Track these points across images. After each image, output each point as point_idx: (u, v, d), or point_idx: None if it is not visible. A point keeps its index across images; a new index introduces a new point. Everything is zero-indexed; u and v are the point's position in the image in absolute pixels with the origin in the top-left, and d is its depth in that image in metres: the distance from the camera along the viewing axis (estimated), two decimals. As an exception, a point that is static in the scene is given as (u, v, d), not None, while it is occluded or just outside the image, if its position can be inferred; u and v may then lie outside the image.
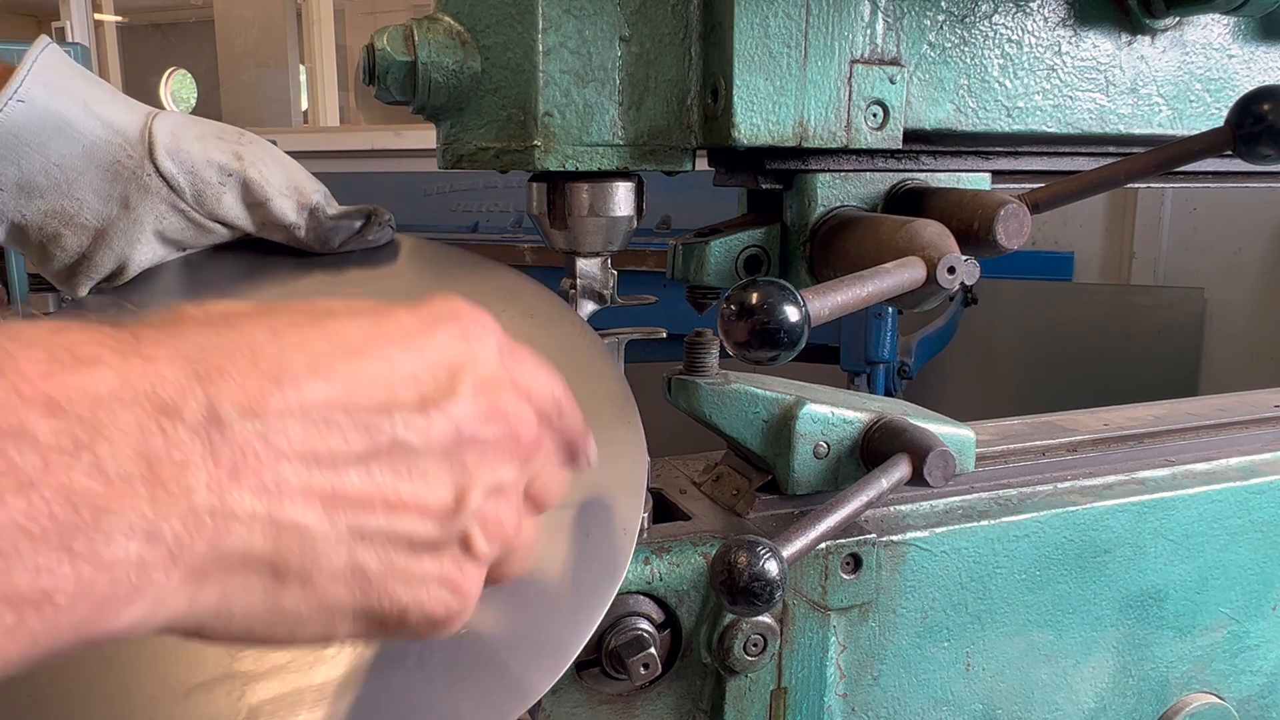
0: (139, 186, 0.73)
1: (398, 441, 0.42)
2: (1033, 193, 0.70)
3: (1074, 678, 0.82)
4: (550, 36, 0.69)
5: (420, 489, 0.43)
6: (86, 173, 0.72)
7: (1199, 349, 4.30)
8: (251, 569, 0.39)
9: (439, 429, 0.44)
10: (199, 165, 0.74)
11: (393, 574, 0.43)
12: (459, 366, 0.45)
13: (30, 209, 0.72)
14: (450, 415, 0.44)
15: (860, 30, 0.73)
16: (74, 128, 0.71)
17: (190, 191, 0.74)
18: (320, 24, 6.27)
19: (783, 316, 0.56)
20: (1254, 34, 0.85)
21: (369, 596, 0.43)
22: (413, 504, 0.43)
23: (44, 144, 0.70)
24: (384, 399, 0.42)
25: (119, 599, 0.35)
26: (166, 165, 0.73)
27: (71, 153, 0.71)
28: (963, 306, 3.59)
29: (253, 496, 0.38)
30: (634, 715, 0.70)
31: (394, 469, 0.42)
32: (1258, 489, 0.85)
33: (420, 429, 0.43)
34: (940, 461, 0.68)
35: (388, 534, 0.42)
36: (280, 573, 0.40)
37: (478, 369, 0.46)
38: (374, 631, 0.45)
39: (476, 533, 0.45)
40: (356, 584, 0.42)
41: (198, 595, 0.38)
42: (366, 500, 0.41)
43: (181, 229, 0.76)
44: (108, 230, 0.74)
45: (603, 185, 0.74)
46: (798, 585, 0.70)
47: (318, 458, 0.40)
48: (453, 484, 0.44)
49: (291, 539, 0.40)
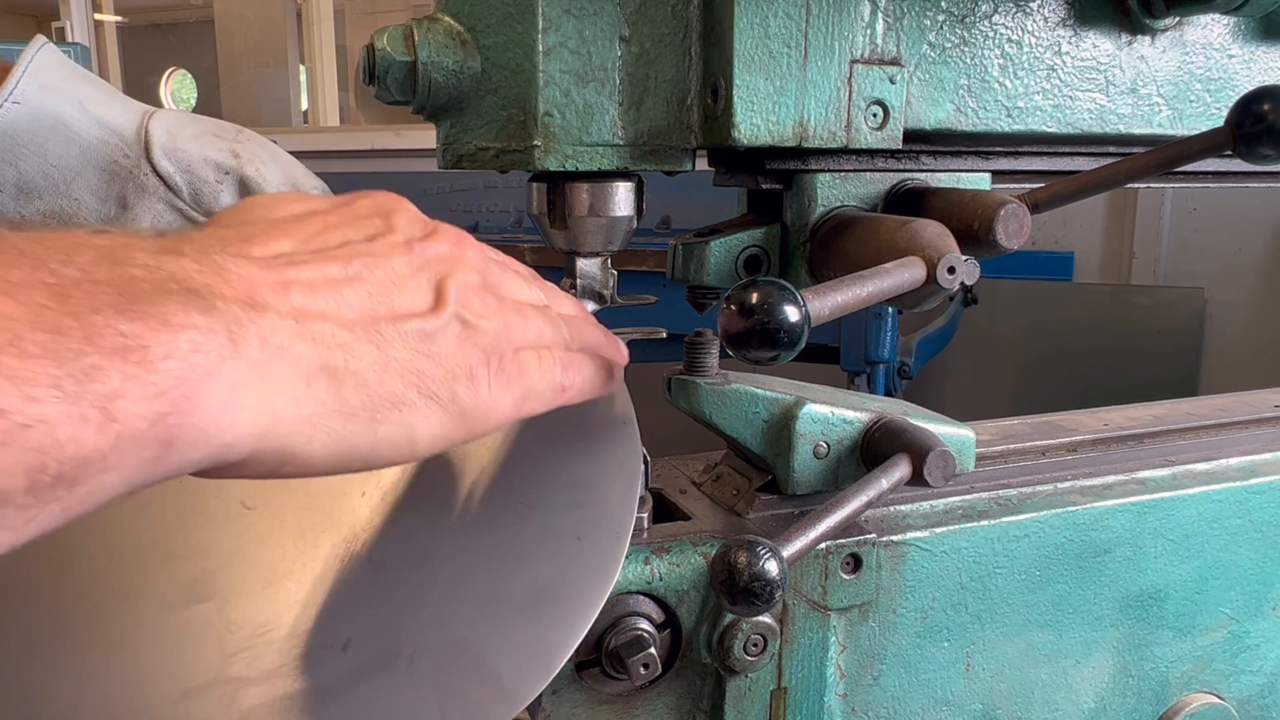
0: (136, 186, 0.73)
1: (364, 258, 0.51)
2: (1033, 193, 0.70)
3: (1074, 678, 0.82)
4: (550, 36, 0.69)
5: (403, 296, 0.51)
6: (84, 173, 0.72)
7: (1199, 349, 4.30)
8: (308, 372, 0.45)
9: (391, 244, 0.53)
10: (195, 163, 0.74)
11: (426, 359, 0.50)
12: (387, 209, 0.56)
13: (29, 210, 0.72)
14: (395, 236, 0.54)
15: (860, 30, 0.73)
16: (70, 128, 0.71)
17: (187, 190, 0.74)
18: (320, 24, 6.27)
19: (783, 316, 0.56)
20: (1254, 34, 0.85)
21: (420, 382, 0.50)
22: (404, 309, 0.50)
23: (41, 145, 0.70)
24: (340, 239, 0.52)
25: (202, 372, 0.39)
26: (163, 164, 0.73)
27: (69, 153, 0.71)
28: (963, 306, 3.59)
29: (276, 315, 0.44)
30: (634, 715, 0.70)
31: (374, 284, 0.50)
32: (1258, 489, 0.85)
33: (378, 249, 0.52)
34: (940, 461, 0.68)
35: (399, 333, 0.49)
36: (333, 372, 0.46)
37: (405, 208, 0.57)
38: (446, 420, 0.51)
39: (468, 315, 0.53)
40: (399, 374, 0.49)
41: (271, 397, 0.43)
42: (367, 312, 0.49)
43: (180, 227, 0.76)
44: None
45: (603, 185, 0.74)
46: (798, 585, 0.70)
47: (310, 285, 0.47)
48: (428, 284, 0.52)
49: (328, 343, 0.46)
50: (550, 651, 0.57)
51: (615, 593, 0.67)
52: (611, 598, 0.67)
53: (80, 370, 0.35)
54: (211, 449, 0.41)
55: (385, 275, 0.51)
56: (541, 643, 0.57)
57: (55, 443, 0.35)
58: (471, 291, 0.54)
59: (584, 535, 0.62)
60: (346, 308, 0.48)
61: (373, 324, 0.49)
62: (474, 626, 0.58)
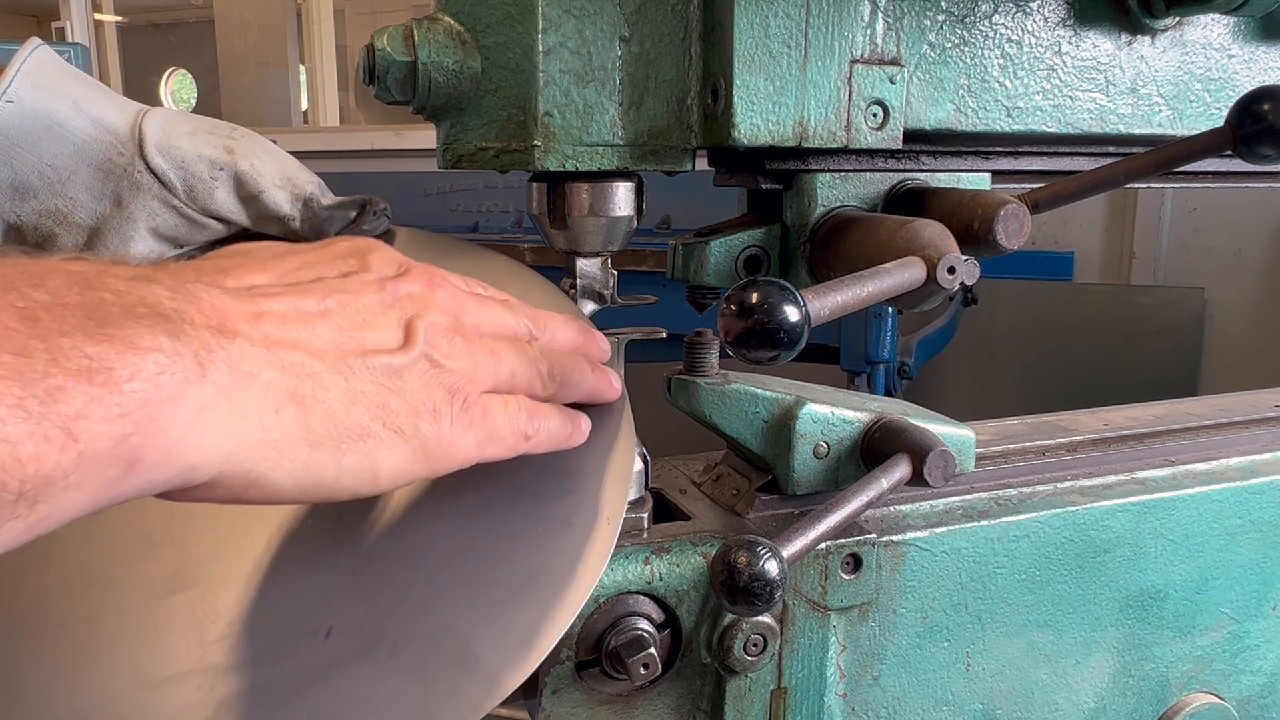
0: (131, 184, 0.73)
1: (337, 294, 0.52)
2: (1033, 193, 0.70)
3: (1074, 678, 0.82)
4: (550, 36, 0.69)
5: (373, 332, 0.52)
6: (79, 172, 0.72)
7: (1199, 349, 4.30)
8: (277, 399, 0.46)
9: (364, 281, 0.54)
10: (190, 160, 0.74)
11: (392, 394, 0.51)
12: (363, 250, 0.58)
13: (25, 210, 0.72)
14: (369, 274, 0.55)
15: (860, 30, 0.73)
16: (64, 127, 0.71)
17: (182, 187, 0.74)
18: (320, 24, 6.27)
19: (783, 316, 0.56)
20: (1254, 34, 0.85)
21: (385, 416, 0.51)
22: (374, 344, 0.52)
23: (35, 144, 0.70)
24: (314, 275, 0.54)
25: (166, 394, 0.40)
26: (157, 161, 0.73)
27: (63, 152, 0.71)
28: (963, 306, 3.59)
29: (247, 342, 0.45)
30: (634, 715, 0.70)
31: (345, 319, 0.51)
32: (1258, 489, 0.85)
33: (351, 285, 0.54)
34: (940, 461, 0.68)
35: (368, 368, 0.50)
36: (301, 400, 0.47)
37: (381, 249, 0.58)
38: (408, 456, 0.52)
39: (435, 354, 0.54)
40: (366, 406, 0.50)
41: (237, 421, 0.44)
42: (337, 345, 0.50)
43: (176, 225, 0.76)
44: (102, 228, 0.74)
45: (603, 185, 0.74)
46: (798, 585, 0.70)
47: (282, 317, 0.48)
48: (398, 322, 0.54)
49: (298, 372, 0.47)
50: (536, 639, 0.56)
51: (615, 592, 0.67)
52: (611, 598, 0.67)
53: (44, 391, 0.36)
54: (176, 470, 0.42)
55: (356, 311, 0.52)
56: (527, 630, 0.56)
57: (16, 461, 0.35)
58: (440, 332, 0.55)
59: (574, 522, 0.61)
60: (317, 339, 0.49)
61: (342, 357, 0.50)
62: (459, 613, 0.57)
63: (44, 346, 0.37)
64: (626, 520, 0.71)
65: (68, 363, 0.37)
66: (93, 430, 0.37)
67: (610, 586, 0.66)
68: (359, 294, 0.53)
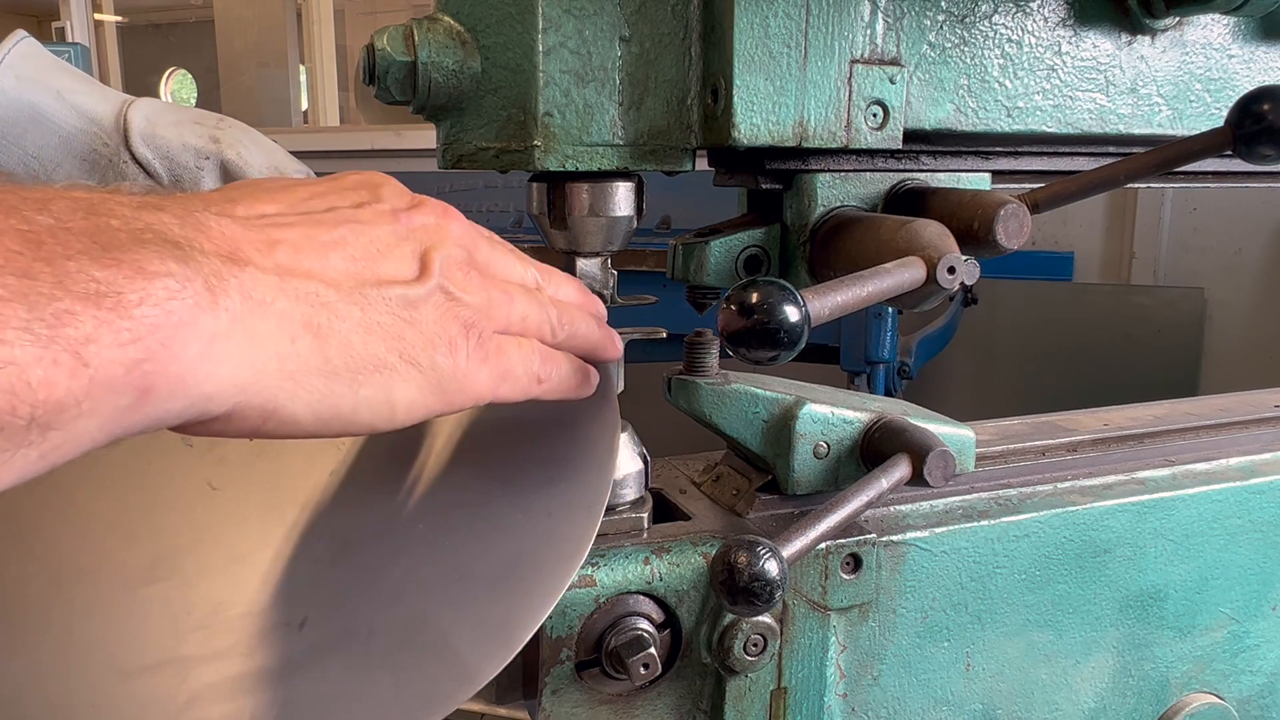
0: (116, 174, 0.73)
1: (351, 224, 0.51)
2: (1033, 193, 0.70)
3: (1074, 678, 0.82)
4: (550, 36, 0.69)
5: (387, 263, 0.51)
6: (64, 163, 0.72)
7: (1199, 349, 4.30)
8: (292, 328, 0.45)
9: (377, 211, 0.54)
10: (174, 150, 0.74)
11: (408, 325, 0.50)
12: (374, 182, 0.56)
13: None
14: (382, 205, 0.54)
15: (860, 30, 0.73)
16: (49, 118, 0.71)
17: (167, 176, 0.74)
18: (320, 24, 6.27)
19: (783, 316, 0.56)
20: (1254, 34, 0.85)
21: (402, 348, 0.50)
22: (389, 275, 0.51)
23: (20, 136, 0.70)
24: (325, 205, 0.52)
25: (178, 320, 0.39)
26: (142, 151, 0.73)
27: (48, 143, 0.71)
28: (963, 306, 3.59)
29: (259, 270, 0.44)
30: (634, 715, 0.70)
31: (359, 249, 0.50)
32: (1258, 489, 0.85)
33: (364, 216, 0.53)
34: (940, 461, 0.68)
35: (384, 298, 0.49)
36: (316, 329, 0.46)
37: (391, 182, 0.57)
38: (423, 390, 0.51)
39: (451, 287, 0.53)
40: (382, 337, 0.49)
41: (253, 350, 0.43)
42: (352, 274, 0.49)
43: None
44: None
45: (603, 185, 0.74)
46: (798, 585, 0.70)
47: (295, 245, 0.47)
48: (413, 253, 0.53)
49: (313, 301, 0.46)
50: (513, 630, 0.55)
51: (615, 592, 0.67)
52: (611, 598, 0.67)
53: (52, 314, 0.35)
54: (191, 399, 0.41)
55: (370, 241, 0.51)
56: (505, 620, 0.56)
57: (26, 385, 0.35)
58: (455, 265, 0.54)
59: (554, 512, 0.61)
60: (331, 269, 0.48)
61: (357, 287, 0.49)
62: (436, 603, 0.57)
63: (49, 270, 0.36)
64: (626, 520, 0.71)
65: (75, 286, 0.36)
66: (103, 355, 0.36)
67: (610, 586, 0.67)
68: (373, 224, 0.52)
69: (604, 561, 0.67)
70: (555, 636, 0.65)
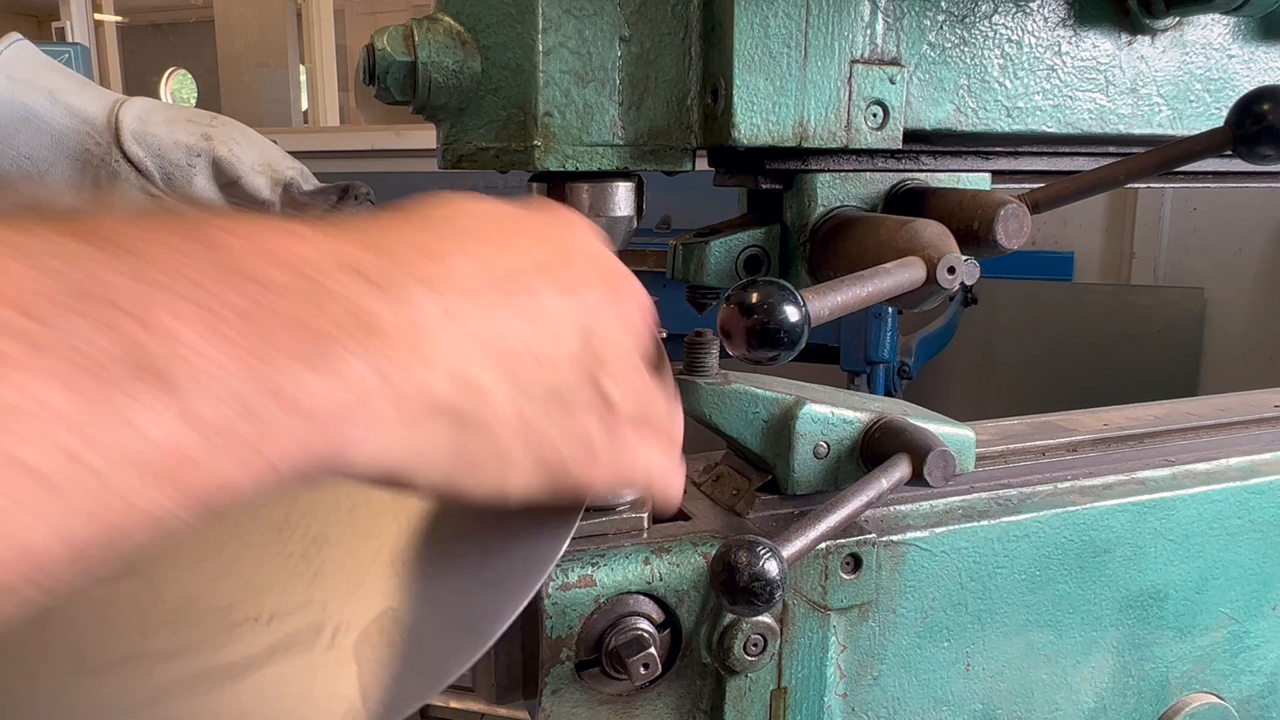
0: (109, 173, 0.73)
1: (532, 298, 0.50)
2: (1033, 193, 0.70)
3: (1074, 678, 0.82)
4: (550, 36, 0.69)
5: (554, 343, 0.50)
6: (57, 163, 0.72)
7: (1199, 349, 4.30)
8: (443, 415, 0.45)
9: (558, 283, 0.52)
10: (166, 148, 0.74)
11: (554, 425, 0.50)
12: (564, 242, 0.54)
13: (3, 202, 0.72)
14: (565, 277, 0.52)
15: (860, 30, 0.73)
16: (41, 118, 0.71)
17: (160, 175, 0.74)
18: (320, 24, 6.27)
19: (783, 316, 0.56)
20: (1254, 34, 0.85)
21: (538, 447, 0.49)
22: (554, 359, 0.50)
23: (13, 136, 0.70)
24: (512, 267, 0.50)
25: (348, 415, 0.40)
26: (133, 150, 0.73)
27: (41, 143, 0.71)
28: (963, 306, 3.59)
29: (440, 352, 0.44)
30: (634, 715, 0.70)
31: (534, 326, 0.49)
32: (1258, 489, 0.85)
33: (545, 288, 0.51)
34: (940, 461, 0.68)
35: (543, 388, 0.49)
36: (465, 421, 0.46)
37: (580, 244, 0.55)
38: (541, 482, 0.51)
39: (609, 384, 0.52)
40: (524, 436, 0.49)
41: (406, 435, 0.44)
42: (521, 356, 0.48)
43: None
44: None
45: (603, 185, 0.74)
46: (798, 585, 0.70)
47: (477, 336, 0.47)
48: (578, 331, 0.51)
49: (473, 391, 0.46)
50: (484, 626, 0.54)
51: (615, 592, 0.67)
52: (611, 598, 0.67)
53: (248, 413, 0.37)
54: (329, 469, 0.42)
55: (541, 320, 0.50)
56: (478, 615, 0.55)
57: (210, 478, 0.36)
58: (621, 359, 0.53)
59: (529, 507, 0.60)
60: (497, 354, 0.47)
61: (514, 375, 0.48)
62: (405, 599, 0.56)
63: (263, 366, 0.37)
64: (626, 520, 0.71)
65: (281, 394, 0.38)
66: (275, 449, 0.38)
67: (610, 586, 0.66)
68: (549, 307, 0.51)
69: (604, 562, 0.67)
70: (555, 637, 0.65)
